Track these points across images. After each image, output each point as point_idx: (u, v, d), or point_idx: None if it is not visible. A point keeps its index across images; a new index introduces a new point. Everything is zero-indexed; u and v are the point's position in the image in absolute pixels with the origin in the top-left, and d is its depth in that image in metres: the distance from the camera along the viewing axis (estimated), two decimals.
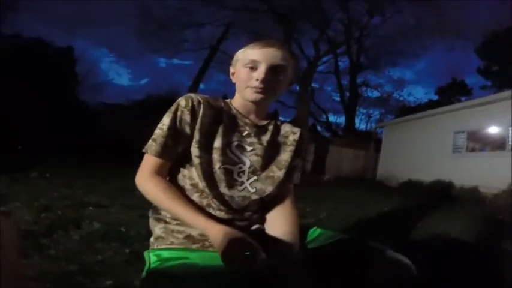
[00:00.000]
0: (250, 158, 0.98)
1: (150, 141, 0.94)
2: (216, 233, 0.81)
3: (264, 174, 0.99)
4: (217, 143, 0.95)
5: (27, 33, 13.21)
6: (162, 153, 0.92)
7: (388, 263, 0.87)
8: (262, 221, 0.98)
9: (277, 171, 1.00)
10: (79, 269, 1.52)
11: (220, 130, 0.97)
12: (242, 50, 1.00)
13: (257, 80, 0.94)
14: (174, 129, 0.94)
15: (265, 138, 1.02)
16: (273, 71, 0.95)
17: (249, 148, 0.99)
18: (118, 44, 50.60)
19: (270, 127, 1.05)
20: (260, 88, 0.94)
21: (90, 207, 2.51)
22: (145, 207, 0.92)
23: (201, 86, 16.27)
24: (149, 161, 0.93)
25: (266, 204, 0.99)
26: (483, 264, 2.08)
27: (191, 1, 13.37)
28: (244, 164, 0.97)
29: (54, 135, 8.59)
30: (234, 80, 1.03)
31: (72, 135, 9.37)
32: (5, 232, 0.56)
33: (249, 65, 0.95)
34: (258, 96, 0.95)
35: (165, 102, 1.02)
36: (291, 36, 13.22)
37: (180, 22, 14.12)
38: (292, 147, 1.05)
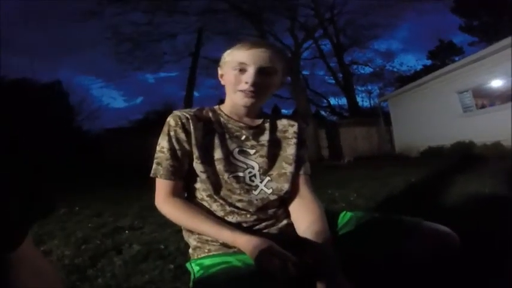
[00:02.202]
0: (257, 161, 0.98)
1: (155, 165, 0.95)
2: (244, 244, 0.82)
3: (275, 172, 0.99)
4: (218, 154, 0.95)
5: (7, 71, 13.23)
6: (171, 175, 0.94)
7: (426, 235, 0.85)
8: (288, 215, 0.99)
9: (288, 167, 1.00)
10: None
11: (216, 141, 0.97)
12: (229, 51, 0.99)
13: (246, 83, 0.93)
14: (174, 149, 0.95)
15: (265, 137, 1.02)
16: (262, 73, 0.94)
17: (251, 151, 0.99)
18: (103, 68, 50.73)
19: (266, 125, 1.04)
20: (250, 91, 0.93)
21: (126, 231, 2.55)
22: None
23: (195, 93, 16.31)
24: (161, 185, 0.95)
25: (285, 200, 1.00)
26: None
27: (157, 13, 13.45)
28: (252, 167, 0.97)
29: (68, 169, 8.72)
30: (222, 82, 1.02)
31: (85, 165, 9.52)
32: (50, 274, 0.57)
33: (238, 68, 0.94)
34: (249, 100, 0.95)
35: (166, 116, 1.03)
36: (263, 30, 13.07)
37: (151, 36, 14.09)
38: (294, 140, 1.05)
